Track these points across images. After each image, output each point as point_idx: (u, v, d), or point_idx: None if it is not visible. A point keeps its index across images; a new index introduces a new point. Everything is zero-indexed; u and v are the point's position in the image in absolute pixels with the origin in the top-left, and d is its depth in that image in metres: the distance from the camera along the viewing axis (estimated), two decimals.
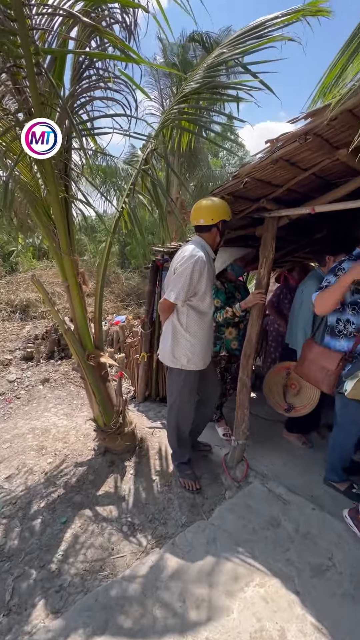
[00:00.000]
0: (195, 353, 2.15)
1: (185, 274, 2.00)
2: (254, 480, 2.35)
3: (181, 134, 2.40)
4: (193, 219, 2.14)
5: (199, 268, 2.01)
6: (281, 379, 2.78)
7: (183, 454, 2.37)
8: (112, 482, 2.30)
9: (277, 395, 2.79)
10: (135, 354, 3.72)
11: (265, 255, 2.28)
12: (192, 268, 1.99)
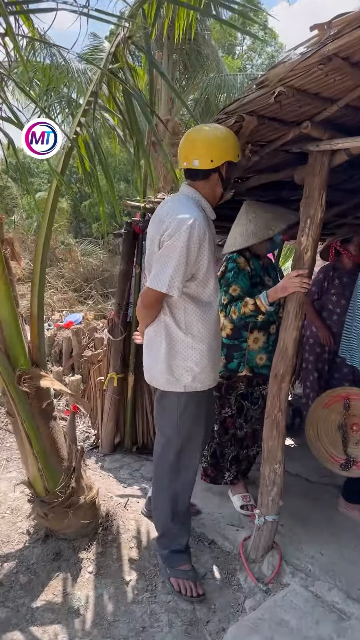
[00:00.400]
0: (203, 365, 2.19)
1: (177, 249, 2.01)
2: (292, 580, 2.35)
3: (175, 11, 2.39)
4: (183, 158, 2.15)
5: (197, 238, 2.02)
6: (335, 415, 2.80)
7: (178, 536, 2.37)
8: (59, 587, 2.27)
9: (329, 442, 2.81)
10: (99, 375, 3.72)
11: (309, 214, 2.28)
12: (188, 238, 2.00)
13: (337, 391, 2.80)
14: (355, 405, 2.72)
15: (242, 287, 2.64)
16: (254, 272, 2.74)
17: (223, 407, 2.85)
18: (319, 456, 2.79)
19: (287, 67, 1.82)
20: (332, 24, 1.68)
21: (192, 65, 10.72)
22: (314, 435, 2.80)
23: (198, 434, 2.28)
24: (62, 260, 12.31)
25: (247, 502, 2.90)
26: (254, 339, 2.79)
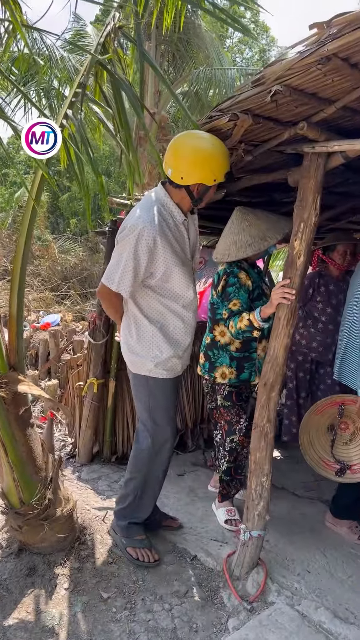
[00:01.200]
0: (168, 353, 2.41)
1: (125, 253, 2.22)
2: (277, 599, 2.36)
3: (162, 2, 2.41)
4: (164, 162, 2.28)
5: (145, 245, 2.18)
6: (326, 419, 2.83)
7: (140, 510, 2.60)
8: (33, 604, 2.25)
9: (321, 448, 2.84)
10: (78, 380, 3.70)
11: (303, 218, 2.31)
12: (135, 245, 2.19)
13: (334, 398, 2.84)
14: (349, 409, 2.77)
15: (242, 301, 2.70)
16: (254, 284, 2.80)
17: (240, 416, 2.87)
18: (314, 464, 2.83)
19: (285, 65, 1.84)
20: (332, 23, 1.70)
21: (182, 57, 10.75)
22: (308, 442, 2.83)
23: (169, 419, 2.52)
24: (39, 258, 12.23)
25: (231, 516, 2.92)
26: (263, 348, 2.84)
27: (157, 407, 2.49)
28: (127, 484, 2.61)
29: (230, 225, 2.83)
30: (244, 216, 2.78)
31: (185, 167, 2.19)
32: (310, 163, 2.28)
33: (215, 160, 2.19)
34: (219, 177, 2.23)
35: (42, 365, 5.39)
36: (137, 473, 2.56)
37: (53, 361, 5.18)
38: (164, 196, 2.31)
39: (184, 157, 2.21)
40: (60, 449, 3.90)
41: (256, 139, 2.39)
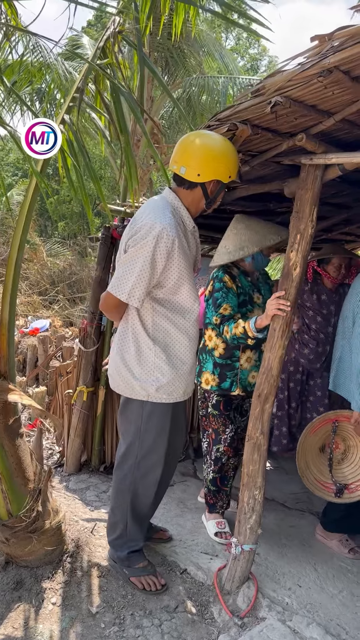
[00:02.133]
0: (171, 376, 2.24)
1: (142, 257, 2.05)
2: (269, 614, 2.34)
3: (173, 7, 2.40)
4: (173, 161, 2.18)
5: (164, 247, 2.04)
6: (319, 438, 2.83)
7: (135, 537, 2.47)
8: (20, 619, 2.21)
9: (317, 470, 2.83)
10: (68, 388, 3.66)
11: (299, 229, 2.30)
12: (154, 247, 2.03)
13: (328, 415, 2.84)
14: (342, 426, 2.77)
15: (232, 305, 2.72)
16: (240, 289, 2.80)
17: (226, 426, 2.88)
18: (313, 488, 2.81)
19: (286, 76, 1.84)
20: (334, 35, 1.70)
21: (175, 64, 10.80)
22: (305, 465, 2.81)
23: (161, 444, 2.34)
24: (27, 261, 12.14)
25: (221, 529, 2.89)
26: (247, 358, 2.87)
27: (150, 433, 2.31)
28: (113, 512, 2.48)
29: (226, 230, 2.87)
30: (235, 223, 2.81)
31: (203, 164, 2.10)
32: (307, 175, 2.27)
33: (228, 157, 2.13)
34: (234, 174, 2.16)
35: (30, 372, 5.33)
36: (122, 501, 2.42)
37: (41, 367, 5.12)
38: (174, 199, 2.20)
39: (201, 154, 2.11)
40: (47, 458, 3.85)
41: (254, 149, 2.38)
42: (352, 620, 2.37)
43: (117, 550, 2.49)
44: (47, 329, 6.72)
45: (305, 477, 2.80)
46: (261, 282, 3.00)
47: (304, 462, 2.80)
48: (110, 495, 2.54)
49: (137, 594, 2.40)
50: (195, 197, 2.21)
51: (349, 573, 2.73)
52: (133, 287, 2.07)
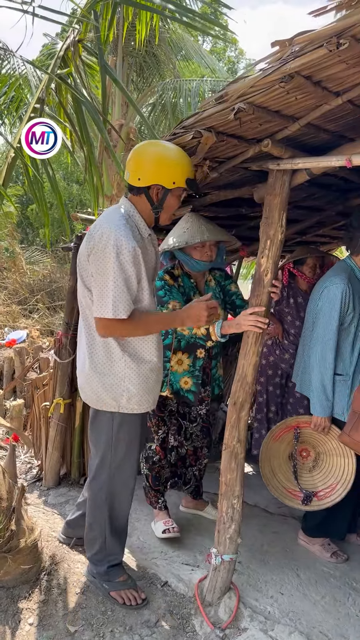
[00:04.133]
0: (141, 386, 2.23)
1: (110, 270, 2.02)
2: (250, 624, 2.32)
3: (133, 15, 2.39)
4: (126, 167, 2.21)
5: (127, 254, 2.02)
6: (286, 446, 2.82)
7: (115, 551, 2.45)
8: None
9: (284, 477, 2.82)
10: (44, 400, 3.61)
11: (269, 235, 2.30)
12: (117, 257, 2.01)
13: (288, 422, 2.84)
14: (305, 432, 2.77)
15: (180, 301, 2.64)
16: (182, 289, 2.74)
17: (159, 427, 2.90)
18: (278, 494, 2.81)
19: (248, 83, 1.83)
20: (294, 41, 1.70)
21: (149, 68, 10.80)
22: (270, 472, 2.80)
23: (133, 455, 2.37)
24: (6, 270, 12.00)
25: (168, 525, 2.91)
26: (178, 360, 2.83)
27: (121, 443, 2.30)
28: (91, 527, 2.43)
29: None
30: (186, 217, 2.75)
31: (142, 167, 2.10)
32: (275, 180, 2.27)
33: (175, 163, 2.09)
34: (179, 181, 2.10)
35: (7, 385, 5.25)
36: (99, 515, 2.38)
37: (18, 380, 5.05)
38: (129, 207, 2.18)
39: (143, 158, 2.12)
40: (26, 472, 3.79)
41: (221, 155, 2.37)
42: (335, 627, 2.36)
43: (97, 565, 2.45)
44: (24, 340, 6.64)
45: (271, 484, 2.79)
46: (212, 285, 2.85)
47: (268, 469, 2.79)
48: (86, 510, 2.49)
49: (116, 610, 2.36)
50: (144, 204, 2.18)
51: (332, 578, 2.72)
52: (115, 301, 2.02)
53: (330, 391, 2.60)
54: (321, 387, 2.60)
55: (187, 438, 3.05)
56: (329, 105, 2.01)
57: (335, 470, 2.70)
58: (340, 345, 2.63)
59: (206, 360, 2.84)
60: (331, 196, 3.17)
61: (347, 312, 2.59)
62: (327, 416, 2.63)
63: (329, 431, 2.67)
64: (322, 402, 2.61)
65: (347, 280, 2.59)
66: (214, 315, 2.23)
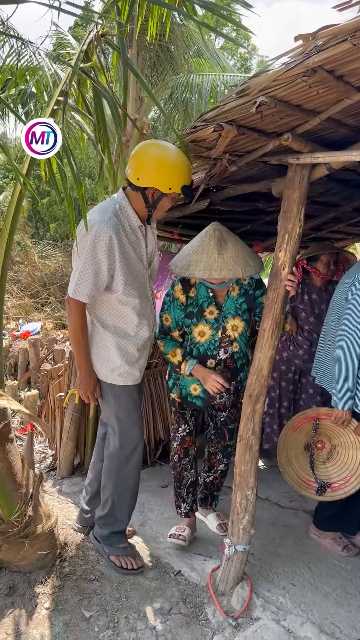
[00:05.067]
0: (120, 360, 2.41)
1: (83, 255, 2.22)
2: (263, 614, 2.34)
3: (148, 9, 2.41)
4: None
5: (103, 244, 2.20)
6: (303, 436, 2.84)
7: (121, 518, 2.61)
8: (12, 625, 2.20)
9: (300, 467, 2.84)
10: (59, 391, 3.65)
11: (287, 229, 2.31)
12: (92, 246, 2.20)
13: (308, 413, 2.85)
14: (324, 424, 2.78)
15: (174, 318, 2.64)
16: (192, 300, 2.61)
17: (179, 425, 2.84)
18: (293, 483, 2.82)
19: (270, 76, 1.84)
20: (318, 35, 1.71)
21: (162, 64, 10.77)
22: (286, 461, 2.82)
23: (136, 423, 2.54)
24: (18, 263, 12.09)
25: (179, 531, 2.80)
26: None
27: (123, 411, 2.49)
28: (104, 491, 2.60)
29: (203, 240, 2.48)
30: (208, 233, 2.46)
31: (142, 169, 2.24)
32: (294, 174, 2.28)
33: (174, 169, 2.23)
34: (175, 187, 2.24)
35: (21, 375, 5.31)
36: (109, 480, 2.56)
37: (33, 371, 5.10)
38: (122, 199, 2.34)
39: (144, 160, 2.26)
40: (40, 462, 3.83)
41: (240, 149, 2.38)
42: (346, 618, 2.38)
43: (101, 528, 2.61)
44: (39, 331, 6.70)
45: (286, 473, 2.82)
46: (233, 295, 2.61)
47: (285, 458, 2.81)
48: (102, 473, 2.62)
49: (131, 597, 2.39)
50: (139, 200, 2.33)
51: (343, 571, 2.73)
52: (77, 283, 2.23)
53: (353, 385, 2.60)
54: (344, 381, 2.61)
55: (206, 440, 3.02)
56: (350, 100, 2.01)
57: (351, 463, 2.71)
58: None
59: (220, 370, 2.64)
60: (348, 192, 3.17)
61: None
62: (348, 409, 2.64)
63: (348, 424, 2.68)
64: (344, 395, 2.62)
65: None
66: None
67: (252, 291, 2.63)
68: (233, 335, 2.61)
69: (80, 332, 2.37)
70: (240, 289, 2.62)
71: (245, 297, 2.62)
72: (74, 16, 1.93)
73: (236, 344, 2.64)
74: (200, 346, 2.62)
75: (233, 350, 2.64)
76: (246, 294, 2.62)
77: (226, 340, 2.62)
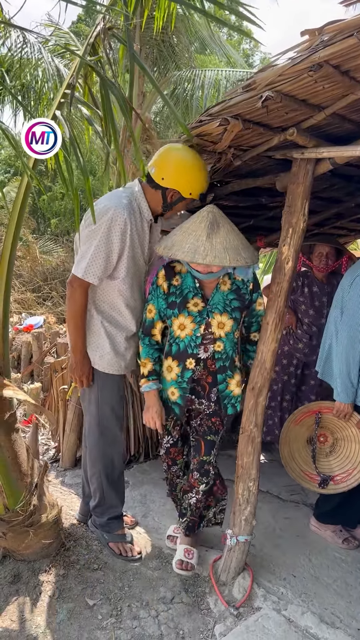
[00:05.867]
0: (111, 346, 2.44)
1: (97, 238, 2.24)
2: (264, 604, 2.37)
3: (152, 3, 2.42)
4: (150, 163, 2.36)
5: (118, 228, 2.23)
6: (305, 430, 2.86)
7: (114, 503, 2.64)
8: (17, 612, 2.23)
9: (302, 460, 2.87)
10: (63, 384, 3.67)
11: (291, 223, 2.32)
12: (108, 229, 2.23)
13: (310, 406, 2.87)
14: (326, 418, 2.80)
15: (157, 307, 2.41)
16: (175, 289, 2.35)
17: (163, 435, 2.61)
18: (296, 476, 2.84)
19: (276, 71, 1.85)
20: (324, 30, 1.71)
21: (164, 59, 10.74)
22: (289, 454, 2.85)
23: (118, 415, 2.60)
24: (20, 258, 12.10)
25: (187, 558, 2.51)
26: (168, 367, 2.45)
27: (106, 405, 2.53)
28: (91, 481, 2.65)
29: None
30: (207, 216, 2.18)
31: (169, 170, 2.29)
32: (299, 169, 2.29)
33: (197, 177, 2.31)
34: (195, 194, 2.34)
35: (24, 368, 5.33)
36: (94, 470, 2.60)
37: (36, 364, 5.12)
38: (137, 190, 2.38)
39: (170, 162, 2.31)
40: (43, 454, 3.86)
41: (245, 143, 2.39)
42: (346, 609, 2.40)
43: (99, 517, 2.66)
44: (41, 325, 6.73)
45: (289, 466, 2.84)
46: (223, 290, 2.35)
47: (287, 451, 2.84)
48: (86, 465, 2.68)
49: (133, 586, 2.42)
50: (156, 198, 2.38)
51: (343, 563, 2.76)
52: (89, 264, 2.25)
53: (355, 378, 2.62)
54: (347, 374, 2.62)
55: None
56: (355, 95, 2.02)
57: (353, 456, 2.74)
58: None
59: (200, 372, 2.40)
60: (352, 187, 3.17)
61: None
62: (350, 402, 2.66)
63: (350, 418, 2.71)
64: (346, 388, 2.63)
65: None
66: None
67: (247, 292, 2.38)
68: (218, 333, 2.34)
69: (80, 315, 2.40)
70: (232, 284, 2.36)
71: (236, 295, 2.35)
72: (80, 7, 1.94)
73: (220, 343, 2.35)
74: (180, 341, 2.37)
75: (215, 349, 2.36)
76: (238, 292, 2.36)
77: (209, 337, 2.35)
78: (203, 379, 2.42)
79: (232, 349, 2.40)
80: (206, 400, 2.45)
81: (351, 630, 2.26)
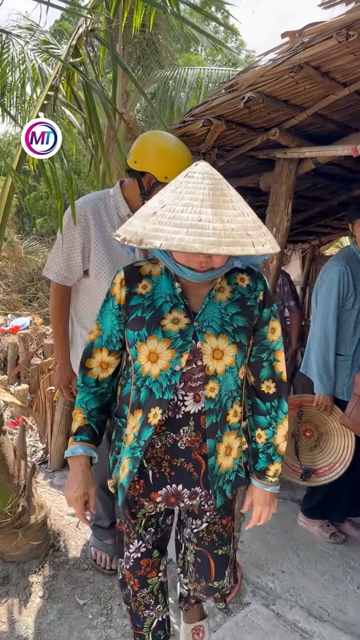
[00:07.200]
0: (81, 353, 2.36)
1: (61, 237, 2.21)
2: (253, 599, 2.39)
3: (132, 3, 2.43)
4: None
5: (79, 222, 2.17)
6: (291, 421, 2.88)
7: (99, 514, 2.57)
8: (7, 613, 2.23)
9: (287, 453, 2.89)
10: (50, 385, 3.66)
11: (275, 221, 2.35)
12: (67, 223, 2.19)
13: (292, 399, 2.90)
14: (309, 412, 2.84)
15: (102, 328, 1.55)
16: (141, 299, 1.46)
17: (130, 540, 1.66)
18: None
19: (258, 72, 1.88)
20: (304, 32, 1.75)
21: (147, 57, 10.74)
22: None
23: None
24: (5, 259, 12.03)
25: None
26: (132, 425, 1.49)
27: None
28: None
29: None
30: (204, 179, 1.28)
31: (142, 153, 2.14)
32: (282, 168, 2.32)
33: (172, 158, 2.12)
34: (171, 177, 2.04)
35: (11, 370, 5.31)
36: None
37: (22, 365, 5.10)
38: (115, 188, 2.31)
39: (146, 145, 2.17)
40: (31, 456, 3.85)
41: (229, 144, 2.42)
42: (334, 602, 2.43)
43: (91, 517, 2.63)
44: (28, 326, 6.70)
45: None
46: (221, 299, 1.46)
47: None
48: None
49: None
50: (134, 188, 2.22)
51: (331, 557, 2.79)
52: (50, 262, 2.24)
53: (332, 370, 2.66)
54: (323, 366, 2.66)
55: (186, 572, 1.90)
56: (335, 96, 2.06)
57: (336, 449, 2.77)
58: (341, 327, 2.68)
59: (189, 437, 1.47)
60: (335, 186, 3.22)
61: (347, 294, 2.64)
62: (329, 395, 2.69)
63: (332, 412, 2.74)
64: (324, 381, 2.67)
65: (346, 263, 2.65)
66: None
67: (255, 304, 1.49)
68: (212, 367, 1.42)
69: (57, 316, 2.35)
70: (233, 291, 1.49)
71: (240, 308, 1.47)
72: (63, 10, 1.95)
73: (213, 384, 1.43)
74: (152, 383, 1.43)
75: (206, 395, 1.43)
76: (243, 303, 1.48)
77: (198, 375, 1.43)
78: (195, 448, 1.49)
79: (228, 395, 1.48)
80: (203, 487, 1.53)
81: (339, 623, 2.29)
